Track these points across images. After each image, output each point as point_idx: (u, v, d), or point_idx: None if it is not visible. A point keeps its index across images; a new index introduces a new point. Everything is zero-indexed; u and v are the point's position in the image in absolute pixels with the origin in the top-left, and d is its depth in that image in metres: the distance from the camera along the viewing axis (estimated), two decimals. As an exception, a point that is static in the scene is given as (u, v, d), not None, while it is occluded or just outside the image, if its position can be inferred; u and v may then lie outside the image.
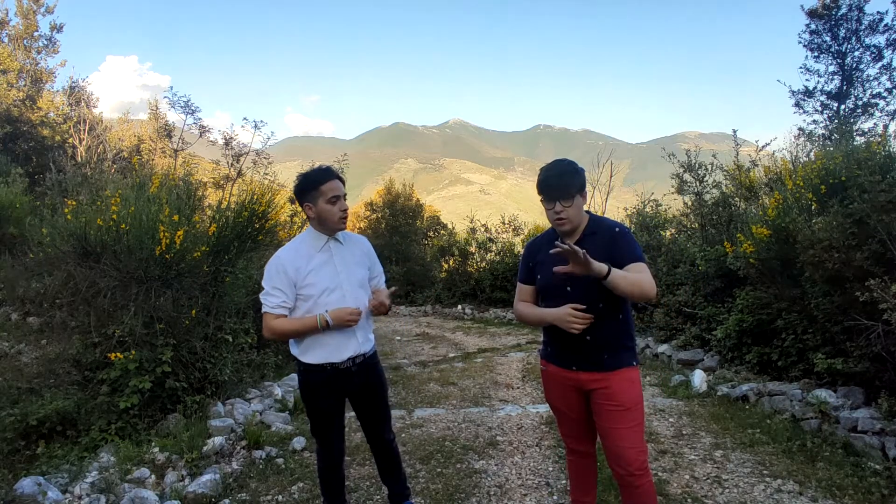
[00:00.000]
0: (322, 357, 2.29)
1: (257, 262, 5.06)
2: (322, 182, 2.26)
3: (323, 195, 2.25)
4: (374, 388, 2.46)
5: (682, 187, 7.63)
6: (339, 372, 2.31)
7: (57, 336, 4.47)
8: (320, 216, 2.28)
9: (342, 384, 2.35)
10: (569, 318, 1.98)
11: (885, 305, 3.19)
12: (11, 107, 10.81)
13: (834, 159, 4.71)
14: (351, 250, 2.41)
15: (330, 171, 2.33)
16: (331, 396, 2.36)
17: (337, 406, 2.41)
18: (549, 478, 3.20)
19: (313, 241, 2.34)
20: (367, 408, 2.49)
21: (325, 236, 2.35)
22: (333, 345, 2.29)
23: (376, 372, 2.47)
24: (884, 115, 10.29)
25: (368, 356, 2.41)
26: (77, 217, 3.97)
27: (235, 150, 8.65)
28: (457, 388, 5.41)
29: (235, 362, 4.43)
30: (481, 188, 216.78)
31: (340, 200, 2.29)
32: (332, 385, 2.33)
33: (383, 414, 2.53)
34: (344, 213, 2.30)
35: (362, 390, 2.42)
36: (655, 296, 1.99)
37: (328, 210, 2.26)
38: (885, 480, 2.91)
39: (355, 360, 2.34)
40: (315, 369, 2.31)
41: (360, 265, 2.41)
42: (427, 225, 15.58)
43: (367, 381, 2.41)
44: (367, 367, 2.40)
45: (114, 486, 2.87)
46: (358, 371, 2.36)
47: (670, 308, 6.47)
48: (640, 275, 1.95)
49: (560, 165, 2.10)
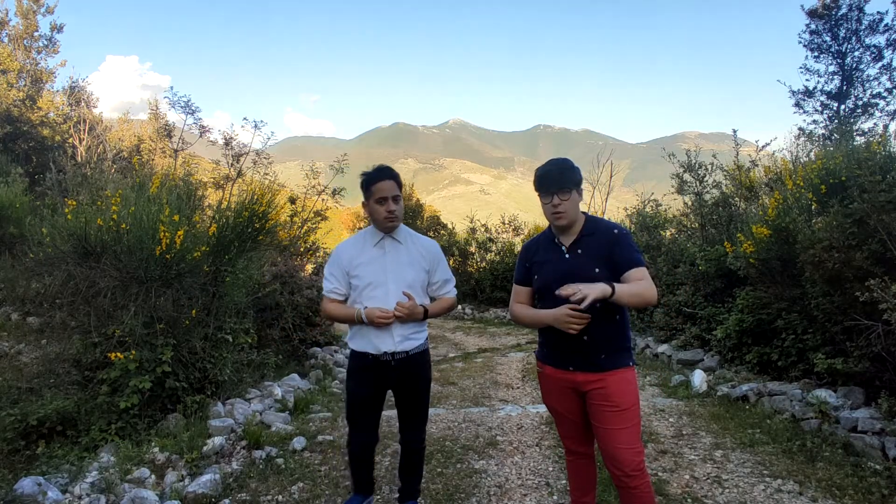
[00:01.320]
0: (362, 346, 2.42)
1: (257, 262, 5.06)
2: (373, 182, 2.36)
3: (373, 195, 2.36)
4: (416, 385, 2.50)
5: (682, 187, 7.64)
6: (378, 362, 2.40)
7: (57, 336, 4.47)
8: (371, 215, 2.42)
9: (381, 375, 2.43)
10: (566, 319, 1.98)
11: (885, 305, 3.18)
12: (11, 107, 10.81)
13: (834, 159, 4.71)
14: (408, 250, 2.46)
15: (382, 171, 2.40)
16: (367, 384, 2.45)
17: (373, 395, 2.48)
18: (549, 478, 3.20)
19: (370, 237, 2.46)
20: (404, 403, 2.54)
21: (381, 234, 2.44)
22: (370, 338, 2.40)
23: (420, 369, 2.49)
24: (884, 115, 10.31)
25: (412, 353, 2.43)
26: (77, 217, 3.97)
27: (235, 150, 8.64)
28: (457, 387, 5.42)
29: (235, 362, 4.42)
30: (481, 188, 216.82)
31: (388, 202, 2.36)
32: (369, 373, 2.43)
33: (419, 412, 2.57)
34: (390, 214, 2.37)
35: (403, 385, 2.48)
36: (656, 300, 2.00)
37: (376, 210, 2.37)
38: (885, 480, 2.91)
39: (394, 355, 2.39)
40: (357, 355, 2.45)
41: (413, 266, 2.44)
42: (427, 225, 15.57)
43: (408, 376, 2.46)
44: (408, 363, 2.43)
45: (114, 486, 2.87)
46: (398, 365, 2.41)
47: (670, 308, 6.47)
48: (642, 283, 1.96)
49: (557, 161, 2.13)
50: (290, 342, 5.98)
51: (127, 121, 13.15)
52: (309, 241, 8.67)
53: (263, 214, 4.59)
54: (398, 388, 2.49)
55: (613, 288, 1.89)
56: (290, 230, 7.95)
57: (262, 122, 8.41)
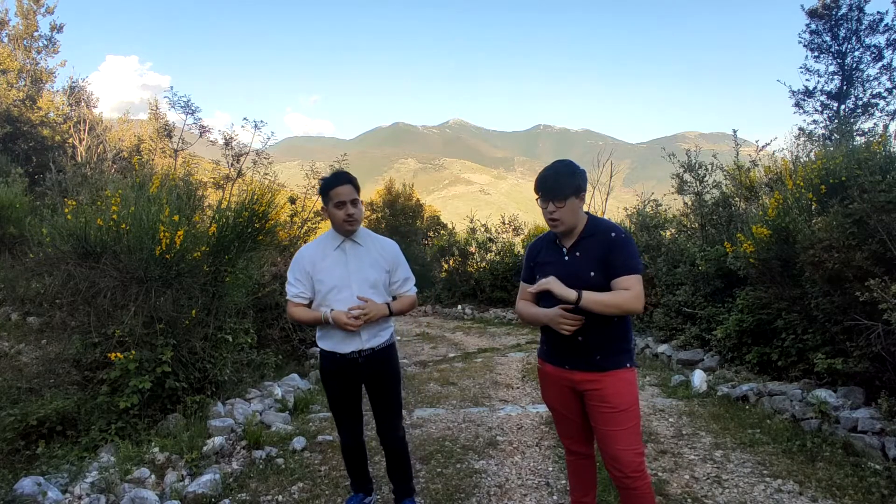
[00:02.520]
0: (330, 346, 2.49)
1: (257, 262, 5.06)
2: (330, 188, 2.41)
3: (331, 200, 2.41)
4: (383, 380, 2.56)
5: (682, 187, 7.63)
6: (346, 360, 2.47)
7: (57, 336, 4.47)
8: (331, 218, 2.46)
9: (351, 372, 2.50)
10: (559, 320, 1.99)
11: (885, 305, 3.19)
12: (11, 107, 10.82)
13: (834, 159, 4.71)
14: (368, 251, 2.51)
15: (338, 177, 2.43)
16: (340, 381, 2.53)
17: (348, 391, 2.56)
18: (549, 478, 3.20)
19: (331, 240, 2.51)
20: (376, 397, 2.59)
21: (341, 237, 2.49)
22: (338, 338, 2.46)
23: (387, 364, 2.55)
24: (884, 115, 10.30)
25: (378, 349, 2.49)
26: (77, 217, 3.97)
27: (235, 150, 8.64)
28: (457, 388, 5.41)
29: (235, 362, 4.43)
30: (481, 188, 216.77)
31: (346, 206, 2.40)
32: (340, 371, 2.50)
33: (392, 406, 2.61)
34: (349, 218, 2.41)
35: (371, 380, 2.55)
36: (642, 309, 2.00)
37: (334, 214, 2.42)
38: (885, 480, 2.91)
39: (361, 352, 2.46)
40: (326, 355, 2.53)
41: (374, 267, 2.49)
42: (427, 225, 15.58)
43: (376, 371, 2.52)
44: (376, 359, 2.49)
45: (114, 486, 2.87)
46: (365, 362, 2.48)
47: (670, 308, 6.47)
48: (622, 294, 1.95)
49: (557, 166, 2.10)
50: (290, 342, 5.99)
51: (127, 121, 13.15)
52: (309, 241, 8.67)
53: (263, 214, 4.59)
54: (369, 384, 2.56)
55: (579, 296, 1.94)
56: (290, 230, 7.94)
57: (262, 122, 8.42)
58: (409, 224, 14.88)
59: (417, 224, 15.29)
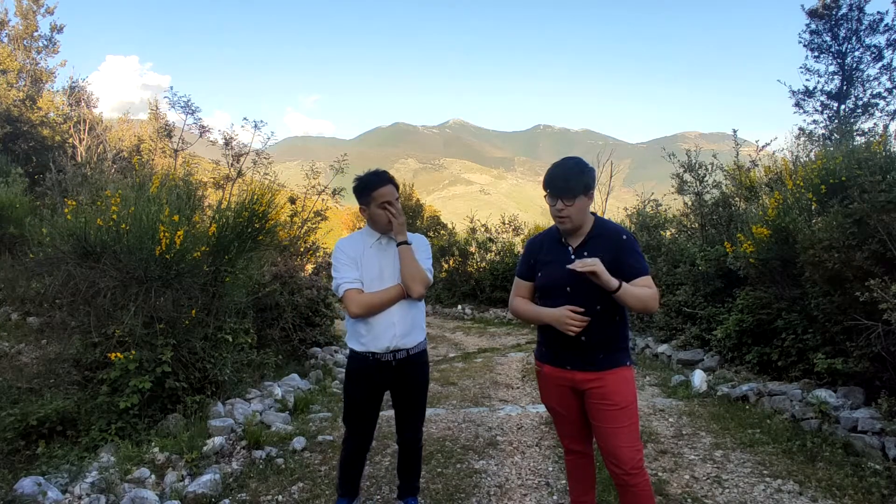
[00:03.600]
0: (363, 345, 2.42)
1: (257, 262, 5.06)
2: (373, 189, 2.40)
3: (374, 200, 2.40)
4: (414, 386, 2.53)
5: (682, 187, 7.63)
6: (379, 363, 2.41)
7: (57, 336, 4.47)
8: (372, 219, 2.45)
9: (381, 376, 2.44)
10: (566, 320, 1.99)
11: (885, 305, 3.18)
12: (11, 107, 10.82)
13: (834, 159, 4.70)
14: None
15: (381, 177, 2.44)
16: (367, 386, 2.47)
17: (372, 397, 2.51)
18: (549, 478, 3.20)
19: (367, 237, 2.51)
20: (404, 404, 2.56)
21: (377, 234, 2.49)
22: (372, 334, 2.39)
23: (419, 370, 2.52)
24: (884, 115, 10.32)
25: (413, 353, 2.46)
26: (77, 217, 3.96)
27: (235, 150, 8.62)
28: (457, 388, 5.41)
29: (235, 362, 4.42)
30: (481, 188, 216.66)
31: (391, 206, 2.41)
32: (370, 375, 2.44)
33: (418, 412, 2.60)
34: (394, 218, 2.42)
35: (401, 385, 2.50)
36: (656, 309, 2.03)
37: (377, 214, 2.42)
38: (885, 480, 2.91)
39: (396, 353, 2.41)
40: (357, 356, 2.45)
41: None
42: (427, 225, 15.59)
43: (407, 377, 2.48)
44: (409, 363, 2.46)
45: (114, 486, 2.87)
46: (398, 366, 2.43)
47: (670, 308, 6.47)
48: (647, 290, 1.98)
49: (567, 164, 2.09)
50: (289, 342, 5.98)
51: (127, 121, 13.16)
52: (309, 241, 8.66)
53: (263, 214, 4.59)
54: (397, 389, 2.52)
55: (620, 285, 1.91)
56: (290, 230, 7.94)
57: (262, 122, 8.40)
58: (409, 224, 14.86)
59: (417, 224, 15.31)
